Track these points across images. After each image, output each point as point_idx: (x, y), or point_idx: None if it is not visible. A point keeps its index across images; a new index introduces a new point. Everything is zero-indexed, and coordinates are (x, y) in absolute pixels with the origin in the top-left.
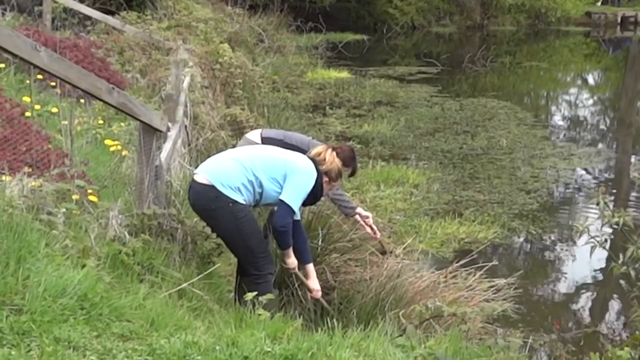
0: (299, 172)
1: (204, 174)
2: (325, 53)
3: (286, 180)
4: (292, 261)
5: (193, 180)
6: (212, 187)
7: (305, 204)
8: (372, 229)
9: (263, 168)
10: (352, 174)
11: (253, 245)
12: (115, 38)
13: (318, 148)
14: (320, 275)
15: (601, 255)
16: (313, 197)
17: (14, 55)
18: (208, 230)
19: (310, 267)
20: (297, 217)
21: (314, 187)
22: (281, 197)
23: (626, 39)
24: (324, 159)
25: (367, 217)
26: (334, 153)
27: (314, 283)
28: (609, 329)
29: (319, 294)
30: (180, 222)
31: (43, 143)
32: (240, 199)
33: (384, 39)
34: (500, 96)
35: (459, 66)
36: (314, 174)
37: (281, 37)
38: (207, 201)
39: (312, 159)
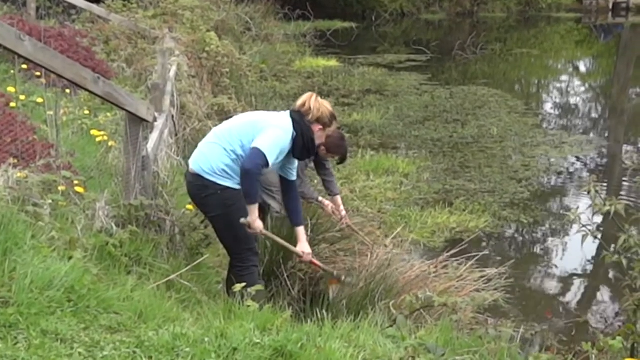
0: (270, 126)
1: (190, 163)
2: (313, 41)
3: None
4: (258, 225)
5: (187, 170)
6: (198, 175)
7: (301, 158)
8: (340, 214)
9: (240, 142)
10: (341, 161)
11: (241, 236)
12: (100, 27)
13: (302, 98)
14: (310, 265)
15: (593, 244)
16: (307, 151)
17: None
18: (196, 221)
19: (301, 229)
20: (293, 177)
21: (304, 140)
22: (252, 145)
23: (618, 25)
24: (310, 108)
25: (340, 206)
26: (319, 99)
27: (303, 246)
28: (600, 319)
29: (309, 257)
30: (168, 213)
31: (28, 134)
32: (229, 183)
33: (372, 26)
34: (491, 84)
35: (449, 54)
36: (287, 129)
37: (269, 25)
38: (197, 190)
39: (298, 113)
